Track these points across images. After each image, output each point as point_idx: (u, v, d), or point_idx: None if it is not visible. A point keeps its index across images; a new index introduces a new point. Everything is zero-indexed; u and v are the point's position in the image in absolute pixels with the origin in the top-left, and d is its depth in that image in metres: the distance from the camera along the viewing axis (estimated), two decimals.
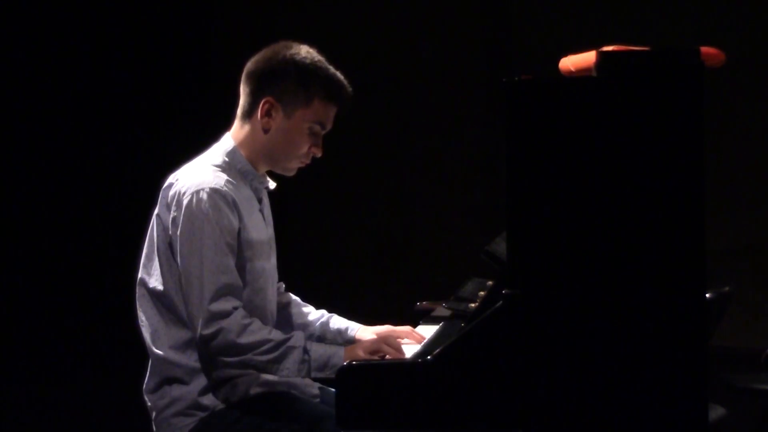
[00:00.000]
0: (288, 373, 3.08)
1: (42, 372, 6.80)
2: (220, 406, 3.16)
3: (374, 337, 3.33)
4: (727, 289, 3.51)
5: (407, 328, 3.43)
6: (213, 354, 3.09)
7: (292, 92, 3.22)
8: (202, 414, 3.15)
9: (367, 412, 2.82)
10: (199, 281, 3.08)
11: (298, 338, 3.11)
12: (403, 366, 2.88)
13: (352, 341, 3.41)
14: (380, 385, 2.82)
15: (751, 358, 4.28)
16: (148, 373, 3.25)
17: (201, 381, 3.16)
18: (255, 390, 3.19)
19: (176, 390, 3.17)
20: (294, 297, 3.58)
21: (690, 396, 2.75)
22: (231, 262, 3.12)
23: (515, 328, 2.76)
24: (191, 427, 3.15)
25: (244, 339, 3.05)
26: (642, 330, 2.74)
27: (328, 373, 3.06)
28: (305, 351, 3.08)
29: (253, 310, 3.18)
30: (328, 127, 3.28)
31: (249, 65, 3.28)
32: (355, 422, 2.83)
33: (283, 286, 3.58)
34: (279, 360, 3.06)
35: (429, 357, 2.83)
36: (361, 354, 3.13)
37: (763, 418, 4.34)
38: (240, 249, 3.16)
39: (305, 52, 3.25)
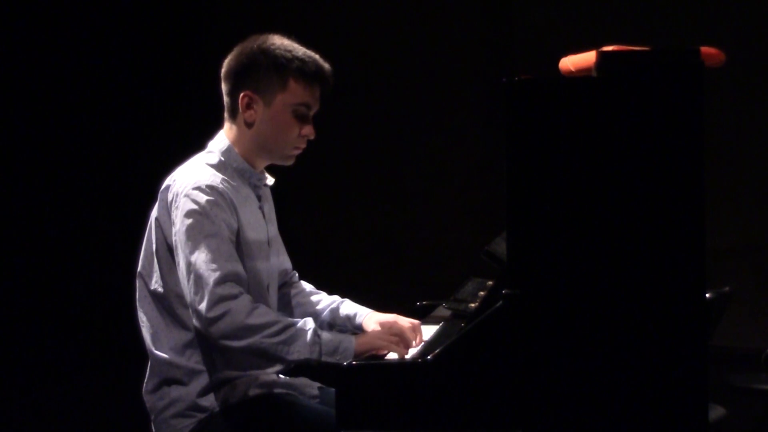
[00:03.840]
0: (299, 356, 3.01)
1: (42, 372, 6.80)
2: (219, 407, 3.16)
3: (378, 327, 3.33)
4: (727, 289, 3.51)
5: (411, 324, 3.40)
6: (218, 337, 3.01)
7: (266, 79, 3.21)
8: (201, 415, 3.15)
9: (367, 412, 2.82)
10: (199, 269, 3.04)
11: (307, 322, 3.07)
12: (403, 366, 2.88)
13: (360, 328, 3.42)
14: (380, 385, 2.82)
15: (751, 358, 4.28)
16: (147, 374, 3.25)
17: (200, 382, 3.16)
18: (254, 391, 3.19)
19: (175, 391, 3.17)
20: (306, 285, 3.58)
21: (690, 396, 2.75)
22: (234, 251, 3.11)
23: (515, 328, 2.76)
24: (190, 429, 3.15)
25: (253, 320, 2.99)
26: (642, 330, 2.74)
27: (338, 358, 3.02)
28: (316, 334, 3.03)
29: None
30: (315, 107, 3.26)
31: (223, 67, 3.28)
32: (355, 422, 2.83)
33: (296, 275, 3.58)
34: (289, 342, 3.00)
35: (429, 357, 2.83)
36: (377, 342, 3.11)
37: (763, 418, 4.34)
38: (238, 248, 3.16)
39: (274, 40, 3.25)
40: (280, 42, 3.24)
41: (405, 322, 3.40)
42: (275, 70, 3.20)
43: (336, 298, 3.55)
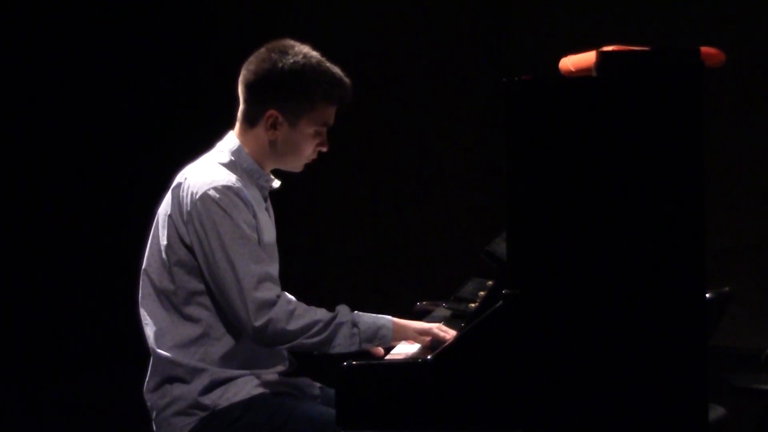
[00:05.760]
0: (341, 349, 3.11)
1: (42, 372, 6.79)
2: (221, 405, 3.16)
3: None
4: (727, 289, 3.51)
5: None
6: (266, 344, 3.13)
7: (295, 102, 3.22)
8: (202, 414, 3.15)
9: (367, 412, 2.83)
10: (234, 277, 3.08)
11: (344, 313, 3.14)
12: (403, 366, 2.88)
13: None
14: (380, 385, 2.82)
15: (751, 358, 4.28)
16: (148, 372, 3.25)
17: (202, 381, 3.16)
18: (255, 390, 3.19)
19: (177, 389, 3.17)
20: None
21: (690, 396, 2.75)
22: (260, 251, 3.13)
23: (515, 328, 2.76)
24: (191, 427, 3.15)
25: (293, 325, 3.07)
26: (642, 330, 2.74)
27: (377, 344, 3.16)
28: (353, 324, 3.12)
29: None
30: (331, 123, 3.29)
31: (247, 74, 3.26)
32: (355, 422, 2.84)
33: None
34: (329, 340, 3.10)
35: (429, 357, 2.84)
36: (410, 333, 3.18)
37: (763, 418, 4.34)
38: None
39: (302, 57, 3.23)
40: (308, 61, 3.22)
41: None
42: (305, 94, 3.21)
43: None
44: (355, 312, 3.19)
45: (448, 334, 3.19)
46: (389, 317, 3.20)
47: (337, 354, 3.12)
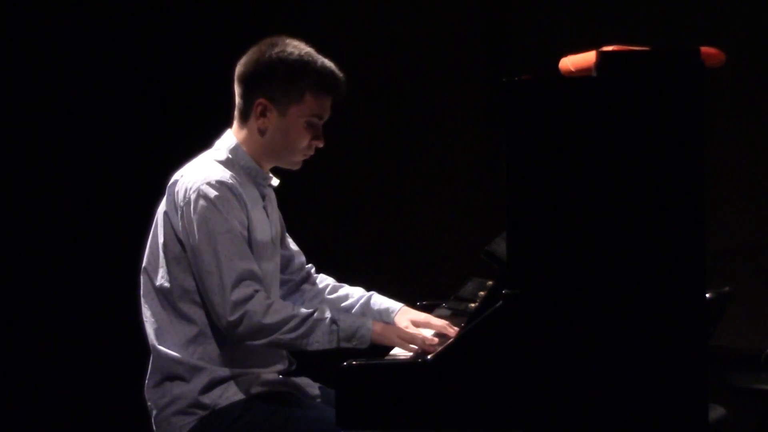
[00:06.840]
0: (318, 345, 3.08)
1: (42, 371, 6.79)
2: (221, 405, 3.16)
3: (410, 325, 3.33)
4: (727, 289, 3.51)
5: (443, 323, 3.38)
6: (241, 339, 3.10)
7: (283, 90, 3.23)
8: (202, 413, 3.15)
9: (367, 412, 2.83)
10: (217, 271, 3.09)
11: (323, 311, 3.11)
12: (403, 366, 2.88)
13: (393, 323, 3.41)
14: (380, 385, 2.82)
15: (751, 358, 4.28)
16: (149, 371, 3.25)
17: (202, 379, 3.16)
18: (255, 390, 3.19)
19: (177, 388, 3.18)
20: (328, 280, 3.58)
21: (690, 396, 2.75)
22: (246, 248, 3.13)
23: (515, 328, 2.76)
24: (191, 426, 3.16)
25: (269, 319, 3.06)
26: (642, 330, 2.74)
27: (355, 344, 3.09)
28: (333, 321, 3.08)
29: None
30: (326, 117, 3.29)
31: (238, 68, 3.29)
32: (355, 422, 2.84)
33: (313, 268, 3.58)
34: (307, 334, 3.07)
35: (429, 357, 2.84)
36: (396, 340, 3.14)
37: (763, 418, 4.34)
38: (248, 246, 3.17)
39: (291, 47, 3.25)
40: (297, 51, 3.24)
41: (437, 322, 3.37)
42: (292, 83, 3.22)
43: (360, 291, 3.54)
44: (337, 310, 3.17)
45: (434, 348, 3.13)
46: (369, 319, 3.18)
47: (330, 352, 3.09)
